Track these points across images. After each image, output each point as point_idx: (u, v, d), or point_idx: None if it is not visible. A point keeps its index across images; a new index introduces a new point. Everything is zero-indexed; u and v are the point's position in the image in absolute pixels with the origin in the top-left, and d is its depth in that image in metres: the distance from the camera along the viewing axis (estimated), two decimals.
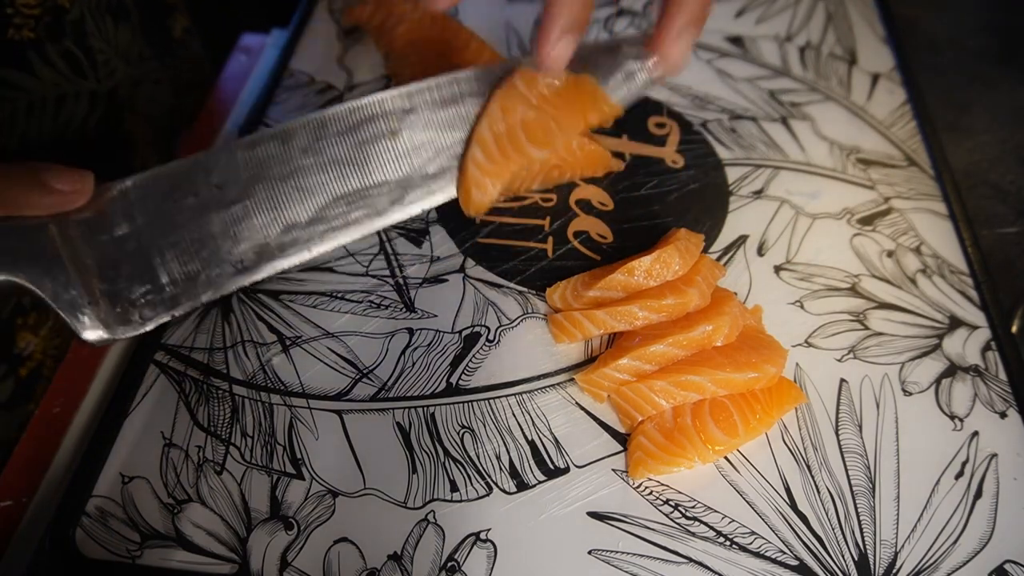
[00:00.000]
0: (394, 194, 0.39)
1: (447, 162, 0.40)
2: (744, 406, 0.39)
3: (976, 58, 0.66)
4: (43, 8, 0.44)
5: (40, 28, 0.44)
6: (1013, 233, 0.54)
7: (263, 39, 0.66)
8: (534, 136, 0.40)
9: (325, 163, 0.38)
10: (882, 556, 0.37)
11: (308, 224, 0.37)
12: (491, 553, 0.36)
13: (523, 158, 0.40)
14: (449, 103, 0.40)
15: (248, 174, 0.36)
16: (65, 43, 0.46)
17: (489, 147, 0.39)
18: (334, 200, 0.38)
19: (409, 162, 0.39)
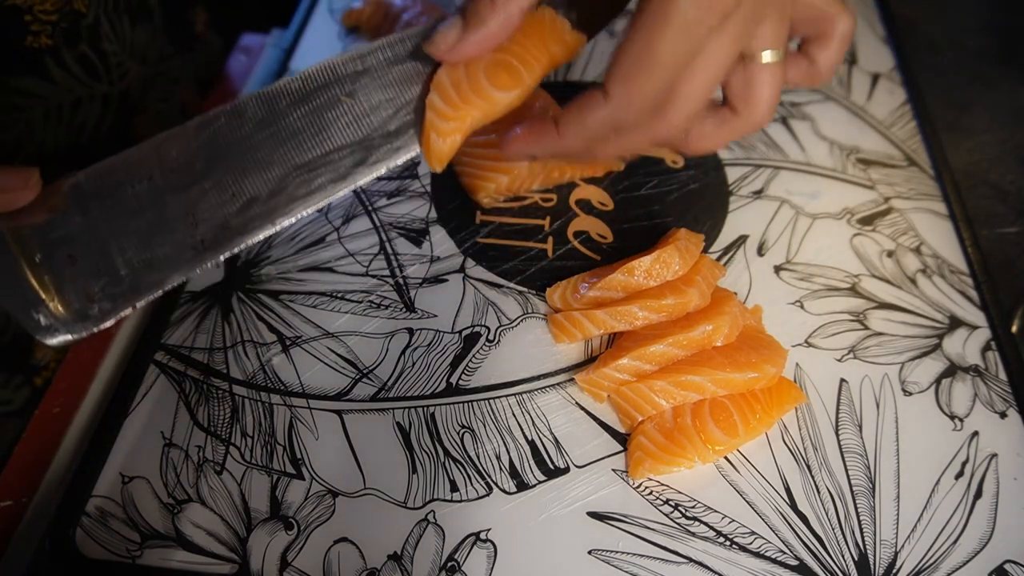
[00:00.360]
0: (356, 156, 0.37)
1: (407, 117, 0.38)
2: (744, 406, 0.39)
3: (976, 58, 0.66)
4: (60, 14, 0.44)
5: (57, 34, 0.45)
6: (1013, 233, 0.54)
7: (263, 39, 0.67)
8: (496, 77, 0.37)
9: (281, 134, 0.36)
10: (882, 556, 0.37)
11: (269, 197, 0.36)
12: (491, 553, 0.36)
13: (486, 101, 0.37)
14: (404, 59, 0.38)
15: (203, 154, 0.35)
16: (81, 47, 0.47)
17: (448, 92, 0.37)
18: (294, 169, 0.36)
19: (368, 122, 0.37)
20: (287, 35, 0.62)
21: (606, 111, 0.34)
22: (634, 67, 0.33)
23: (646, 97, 0.33)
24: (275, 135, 0.36)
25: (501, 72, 0.37)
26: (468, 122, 0.38)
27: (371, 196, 0.50)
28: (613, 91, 0.34)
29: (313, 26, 0.62)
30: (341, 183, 0.37)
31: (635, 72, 0.33)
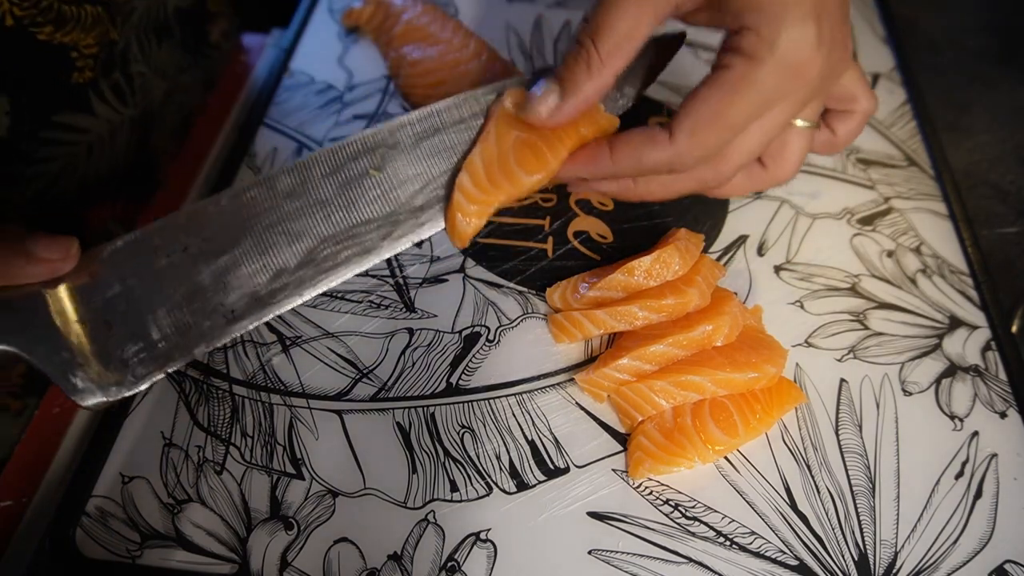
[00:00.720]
0: (383, 230, 0.38)
1: (434, 193, 0.39)
2: (744, 406, 0.39)
3: (976, 58, 0.66)
4: (99, 46, 0.45)
5: (97, 66, 0.45)
6: (1013, 233, 0.54)
7: (263, 39, 0.67)
8: (524, 161, 0.39)
9: (311, 206, 0.37)
10: (882, 556, 0.37)
11: (297, 268, 0.37)
12: (491, 553, 0.36)
13: (512, 186, 0.39)
14: (432, 134, 0.39)
15: (235, 224, 0.36)
16: (115, 75, 0.47)
17: (479, 175, 0.39)
18: (322, 242, 0.37)
19: (396, 196, 0.39)
20: (287, 35, 0.62)
21: (666, 154, 0.36)
22: (707, 123, 0.35)
23: (708, 150, 0.36)
24: (304, 207, 0.37)
25: (530, 155, 0.39)
26: (494, 205, 0.39)
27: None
28: (679, 138, 0.35)
29: (313, 26, 0.62)
30: (367, 257, 0.38)
31: (706, 127, 0.35)
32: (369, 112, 0.55)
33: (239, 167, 0.52)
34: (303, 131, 0.54)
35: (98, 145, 0.47)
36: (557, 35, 0.61)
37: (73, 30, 0.43)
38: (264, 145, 0.54)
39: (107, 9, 0.45)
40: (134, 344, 0.33)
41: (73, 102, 0.45)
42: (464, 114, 0.40)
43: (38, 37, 0.41)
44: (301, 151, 0.53)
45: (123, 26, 0.47)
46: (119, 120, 0.48)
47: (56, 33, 0.42)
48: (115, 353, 0.33)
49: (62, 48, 0.43)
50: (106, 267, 0.34)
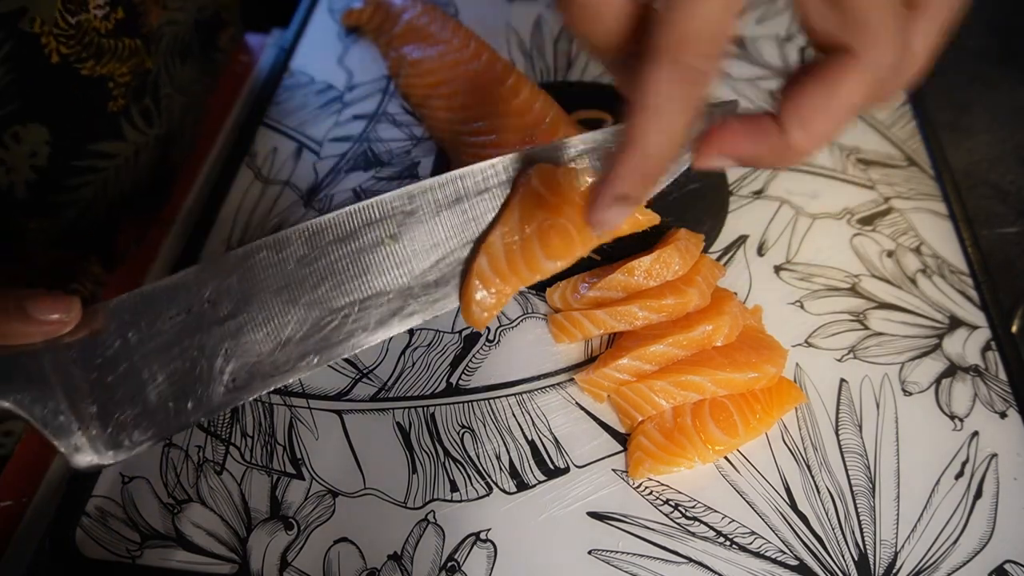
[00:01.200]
0: (394, 304, 0.36)
1: (450, 268, 0.37)
2: (744, 406, 0.39)
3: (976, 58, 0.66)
4: (133, 75, 0.46)
5: (129, 94, 0.46)
6: (1013, 233, 0.54)
7: (263, 39, 0.67)
8: (550, 245, 0.36)
9: (321, 273, 0.35)
10: (882, 556, 0.37)
11: (302, 340, 0.35)
12: (491, 553, 0.36)
13: (533, 272, 0.36)
14: (453, 203, 0.37)
15: (241, 287, 0.35)
16: (145, 101, 0.48)
17: (498, 259, 0.36)
18: (330, 313, 0.35)
19: (410, 269, 0.36)
20: (287, 35, 0.62)
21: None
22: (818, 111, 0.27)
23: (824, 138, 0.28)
24: (314, 274, 0.35)
25: (556, 239, 0.36)
26: (512, 292, 0.37)
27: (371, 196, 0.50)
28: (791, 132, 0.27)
29: (313, 26, 0.62)
30: (376, 332, 0.36)
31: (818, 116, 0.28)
32: (369, 112, 0.55)
33: (239, 167, 0.52)
34: (303, 131, 0.54)
35: (124, 167, 0.48)
36: (557, 35, 0.61)
37: (110, 62, 0.44)
38: (264, 145, 0.54)
39: (144, 40, 0.46)
40: (133, 408, 0.32)
41: (107, 130, 0.46)
42: (490, 183, 0.37)
43: (81, 72, 0.42)
44: (301, 151, 0.53)
45: (156, 53, 0.48)
46: (144, 141, 0.49)
47: (96, 66, 0.43)
48: (113, 416, 0.32)
49: (100, 80, 0.44)
50: (109, 326, 0.33)
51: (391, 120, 0.55)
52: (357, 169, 0.52)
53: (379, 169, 0.52)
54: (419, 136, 0.54)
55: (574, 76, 0.58)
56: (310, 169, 0.52)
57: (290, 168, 0.52)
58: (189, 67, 0.54)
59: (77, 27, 0.41)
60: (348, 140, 0.54)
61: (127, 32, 0.45)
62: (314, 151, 0.53)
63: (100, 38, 0.43)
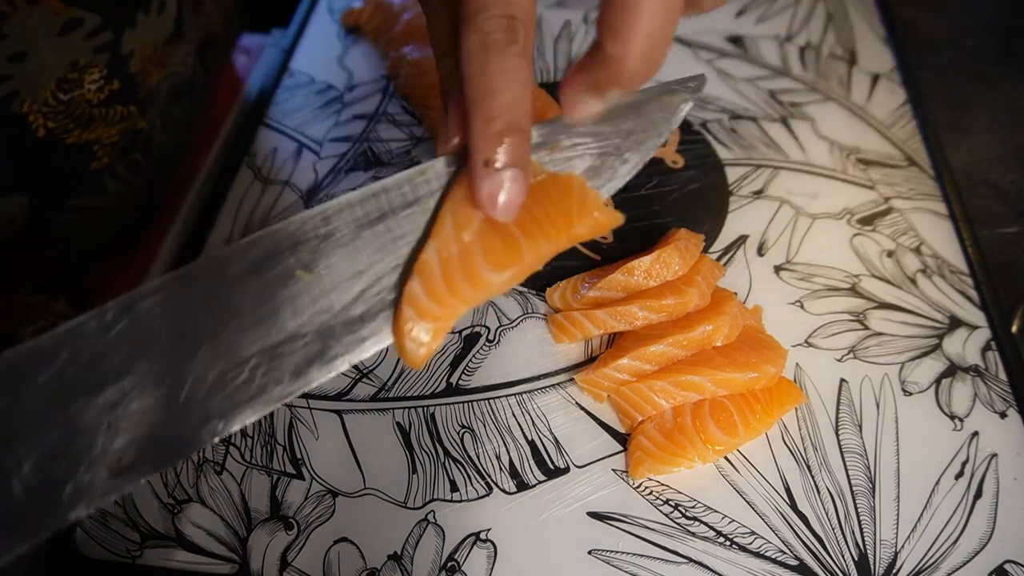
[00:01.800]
0: (311, 349, 0.29)
1: (378, 298, 0.30)
2: (744, 406, 0.39)
3: (976, 58, 0.66)
4: (122, 135, 0.46)
5: (115, 152, 0.46)
6: (1013, 233, 0.54)
7: (263, 39, 0.67)
8: (492, 253, 0.30)
9: (222, 318, 0.29)
10: (882, 556, 0.37)
11: (202, 401, 0.28)
12: (491, 553, 0.36)
13: (476, 290, 0.30)
14: (376, 220, 0.31)
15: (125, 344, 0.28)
16: (134, 155, 0.48)
17: (433, 279, 0.30)
18: (236, 365, 0.29)
19: (329, 304, 0.30)
20: (287, 35, 0.62)
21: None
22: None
23: None
24: (213, 319, 0.29)
25: (499, 246, 0.30)
26: (453, 318, 0.30)
27: None
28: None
29: (313, 26, 0.62)
30: (292, 383, 0.29)
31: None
32: (369, 112, 0.55)
33: (239, 167, 0.52)
34: (303, 131, 0.54)
35: (103, 217, 0.48)
36: (557, 35, 0.61)
37: (99, 127, 0.44)
38: (264, 145, 0.54)
39: (140, 106, 0.46)
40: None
41: (88, 188, 0.46)
42: (419, 193, 0.31)
43: (67, 142, 0.43)
44: (301, 151, 0.53)
45: (151, 111, 0.48)
46: (129, 192, 0.49)
47: (83, 134, 0.43)
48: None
49: (85, 144, 0.44)
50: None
51: (391, 120, 0.55)
52: (357, 169, 0.52)
53: (379, 169, 0.52)
54: (419, 136, 0.54)
55: None
56: (310, 169, 0.52)
57: (290, 168, 0.52)
58: (183, 106, 0.53)
59: (68, 103, 0.41)
60: (348, 140, 0.54)
61: (120, 101, 0.45)
62: (314, 151, 0.53)
63: (91, 108, 0.43)
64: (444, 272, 0.30)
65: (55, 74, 0.40)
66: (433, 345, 0.30)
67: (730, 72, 0.58)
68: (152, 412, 0.28)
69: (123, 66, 0.44)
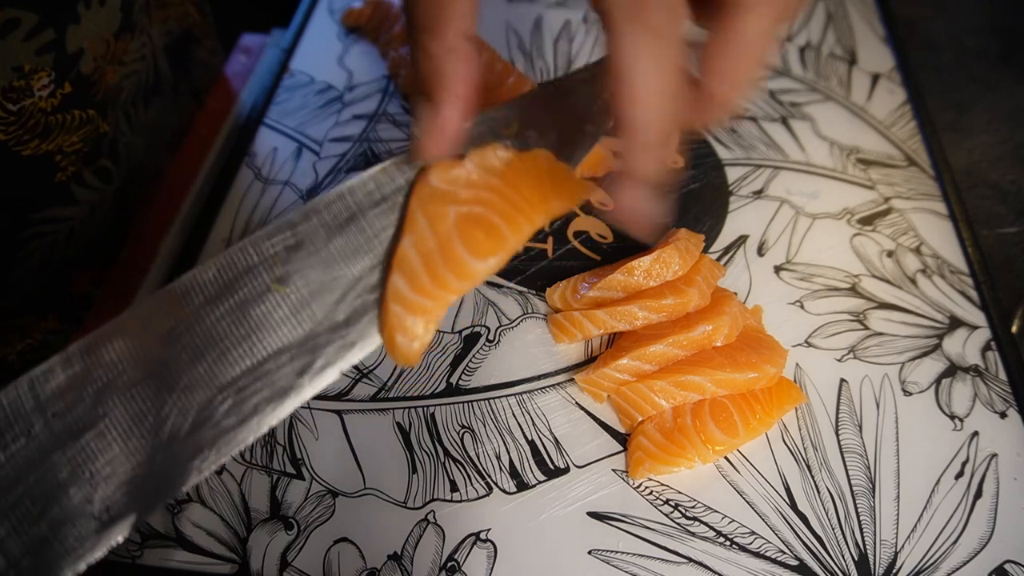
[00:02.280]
0: (299, 362, 0.28)
1: (360, 300, 0.29)
2: (744, 406, 0.39)
3: (976, 58, 0.66)
4: (85, 141, 0.44)
5: (80, 159, 0.44)
6: (1013, 233, 0.54)
7: (263, 39, 0.67)
8: (474, 241, 0.29)
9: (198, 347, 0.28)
10: (882, 556, 0.37)
11: (188, 435, 0.27)
12: (491, 553, 0.36)
13: (462, 278, 0.29)
14: (346, 223, 0.30)
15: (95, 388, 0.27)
16: (101, 161, 0.46)
17: (416, 273, 0.29)
18: (219, 391, 0.28)
19: (311, 314, 0.29)
20: (287, 35, 0.62)
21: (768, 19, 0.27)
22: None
23: None
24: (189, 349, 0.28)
25: (479, 234, 0.29)
26: (442, 310, 0.29)
27: None
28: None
29: (313, 26, 0.62)
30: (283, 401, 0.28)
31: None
32: (369, 112, 0.55)
33: (239, 167, 0.52)
34: (303, 131, 0.54)
35: (79, 226, 0.47)
36: (557, 35, 0.61)
37: (58, 136, 0.41)
38: (264, 145, 0.54)
39: (99, 109, 0.44)
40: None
41: (55, 199, 0.44)
42: (385, 191, 0.30)
43: (23, 154, 0.40)
44: (301, 151, 0.53)
45: (112, 111, 0.46)
46: (100, 198, 0.47)
47: (42, 144, 0.41)
48: None
49: (46, 155, 0.41)
50: None
51: (391, 120, 0.55)
52: (357, 169, 0.52)
53: None
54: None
55: None
56: (310, 169, 0.52)
57: (290, 168, 0.52)
58: (153, 109, 0.51)
59: (19, 113, 0.39)
60: (348, 140, 0.54)
61: (76, 105, 0.42)
62: (314, 151, 0.53)
63: (46, 117, 0.40)
64: (426, 266, 0.29)
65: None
66: (426, 339, 0.29)
67: None
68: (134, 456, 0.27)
69: (72, 66, 0.41)
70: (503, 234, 0.29)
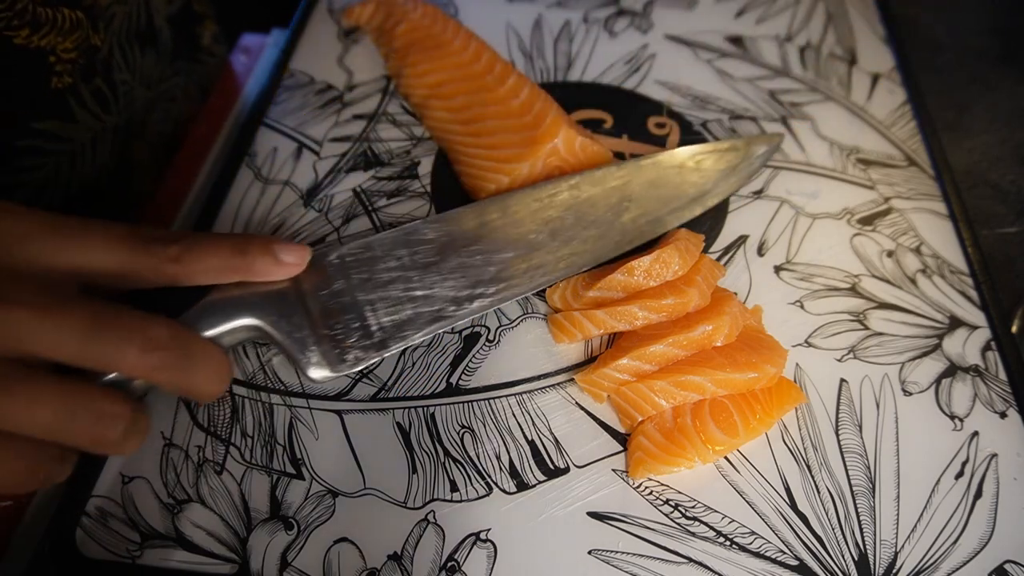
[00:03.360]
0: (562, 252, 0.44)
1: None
2: (744, 406, 0.39)
3: (976, 58, 0.66)
4: (79, 51, 0.44)
5: (76, 72, 0.44)
6: (1013, 233, 0.54)
7: (263, 39, 0.67)
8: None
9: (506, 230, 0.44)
10: (882, 556, 0.37)
11: (490, 283, 0.42)
12: (491, 553, 0.36)
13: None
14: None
15: (438, 245, 0.42)
16: (96, 81, 0.46)
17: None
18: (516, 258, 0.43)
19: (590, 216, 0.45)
20: (287, 35, 0.62)
21: None
22: None
23: None
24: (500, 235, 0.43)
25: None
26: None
27: (371, 196, 0.50)
28: None
29: (313, 26, 0.62)
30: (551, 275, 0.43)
31: None
32: (369, 112, 0.55)
33: (239, 167, 0.52)
34: (303, 131, 0.54)
35: (80, 154, 0.46)
36: (557, 35, 0.61)
37: (50, 33, 0.42)
38: (264, 145, 0.54)
39: (88, 14, 0.44)
40: (355, 334, 0.39)
41: (53, 109, 0.44)
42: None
43: (14, 41, 0.40)
44: (301, 151, 0.53)
45: (105, 31, 0.46)
46: (100, 128, 0.47)
47: (33, 36, 0.41)
48: (340, 337, 0.39)
49: (39, 52, 0.42)
50: (334, 268, 0.40)
51: (391, 120, 0.55)
52: (357, 169, 0.52)
53: (379, 169, 0.52)
54: (419, 136, 0.54)
55: (574, 76, 0.58)
56: (310, 169, 0.52)
57: (290, 168, 0.52)
58: (152, 59, 0.52)
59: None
60: (348, 140, 0.54)
61: (65, 2, 0.42)
62: (314, 151, 0.53)
63: (35, 5, 0.41)
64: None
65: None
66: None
67: (730, 72, 0.58)
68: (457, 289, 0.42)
69: None
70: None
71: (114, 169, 0.50)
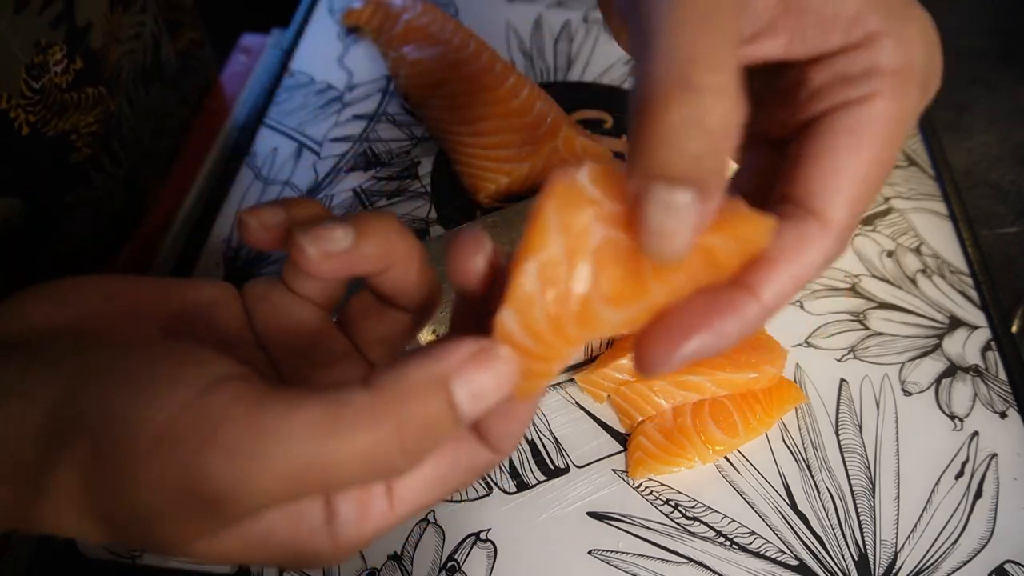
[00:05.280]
0: None
1: None
2: (744, 406, 0.39)
3: (976, 58, 0.66)
4: (99, 122, 0.44)
5: (96, 141, 0.44)
6: (1013, 233, 0.54)
7: (263, 39, 0.66)
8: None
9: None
10: (882, 556, 0.36)
11: None
12: (491, 553, 0.36)
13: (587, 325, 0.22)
14: None
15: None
16: (112, 144, 0.46)
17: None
18: None
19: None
20: (287, 35, 0.62)
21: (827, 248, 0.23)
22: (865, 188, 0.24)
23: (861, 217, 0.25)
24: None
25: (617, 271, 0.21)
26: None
27: (371, 196, 0.50)
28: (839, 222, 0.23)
29: (313, 26, 0.62)
30: None
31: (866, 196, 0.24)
32: (369, 112, 0.55)
33: (239, 167, 0.52)
34: (303, 131, 0.54)
35: (97, 210, 0.47)
36: (557, 35, 0.61)
37: (73, 114, 0.42)
38: (264, 145, 0.54)
39: (108, 86, 0.44)
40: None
41: (73, 181, 0.44)
42: None
43: (48, 135, 0.41)
44: (301, 151, 0.53)
45: (118, 92, 0.46)
46: (113, 183, 0.48)
47: (59, 123, 0.42)
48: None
49: (62, 135, 0.42)
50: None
51: (391, 120, 0.55)
52: (357, 169, 0.52)
53: (379, 169, 0.52)
54: (419, 136, 0.54)
55: (574, 76, 0.58)
56: (310, 169, 0.52)
57: (290, 168, 0.52)
58: (154, 92, 0.52)
59: (41, 91, 0.40)
60: (348, 140, 0.54)
61: (88, 81, 0.43)
62: (314, 151, 0.53)
63: (61, 94, 0.41)
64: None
65: (22, 60, 0.38)
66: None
67: None
68: None
69: (82, 40, 0.41)
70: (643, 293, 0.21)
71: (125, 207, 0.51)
